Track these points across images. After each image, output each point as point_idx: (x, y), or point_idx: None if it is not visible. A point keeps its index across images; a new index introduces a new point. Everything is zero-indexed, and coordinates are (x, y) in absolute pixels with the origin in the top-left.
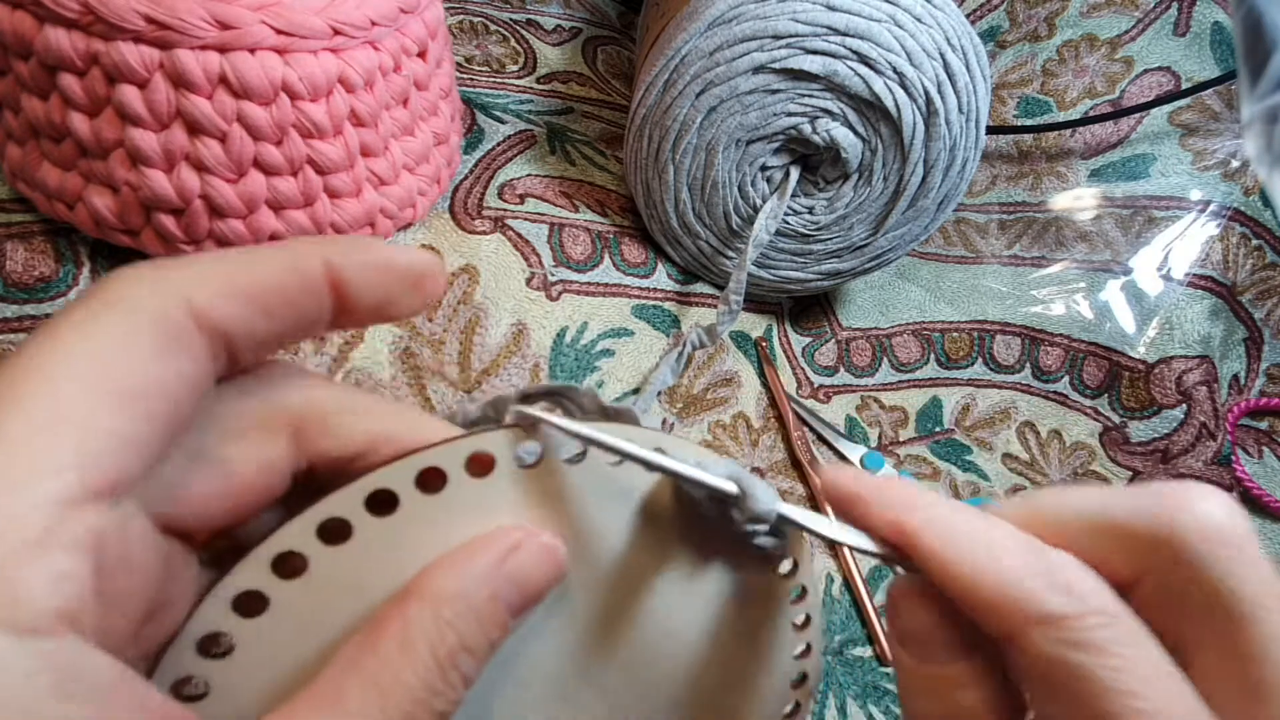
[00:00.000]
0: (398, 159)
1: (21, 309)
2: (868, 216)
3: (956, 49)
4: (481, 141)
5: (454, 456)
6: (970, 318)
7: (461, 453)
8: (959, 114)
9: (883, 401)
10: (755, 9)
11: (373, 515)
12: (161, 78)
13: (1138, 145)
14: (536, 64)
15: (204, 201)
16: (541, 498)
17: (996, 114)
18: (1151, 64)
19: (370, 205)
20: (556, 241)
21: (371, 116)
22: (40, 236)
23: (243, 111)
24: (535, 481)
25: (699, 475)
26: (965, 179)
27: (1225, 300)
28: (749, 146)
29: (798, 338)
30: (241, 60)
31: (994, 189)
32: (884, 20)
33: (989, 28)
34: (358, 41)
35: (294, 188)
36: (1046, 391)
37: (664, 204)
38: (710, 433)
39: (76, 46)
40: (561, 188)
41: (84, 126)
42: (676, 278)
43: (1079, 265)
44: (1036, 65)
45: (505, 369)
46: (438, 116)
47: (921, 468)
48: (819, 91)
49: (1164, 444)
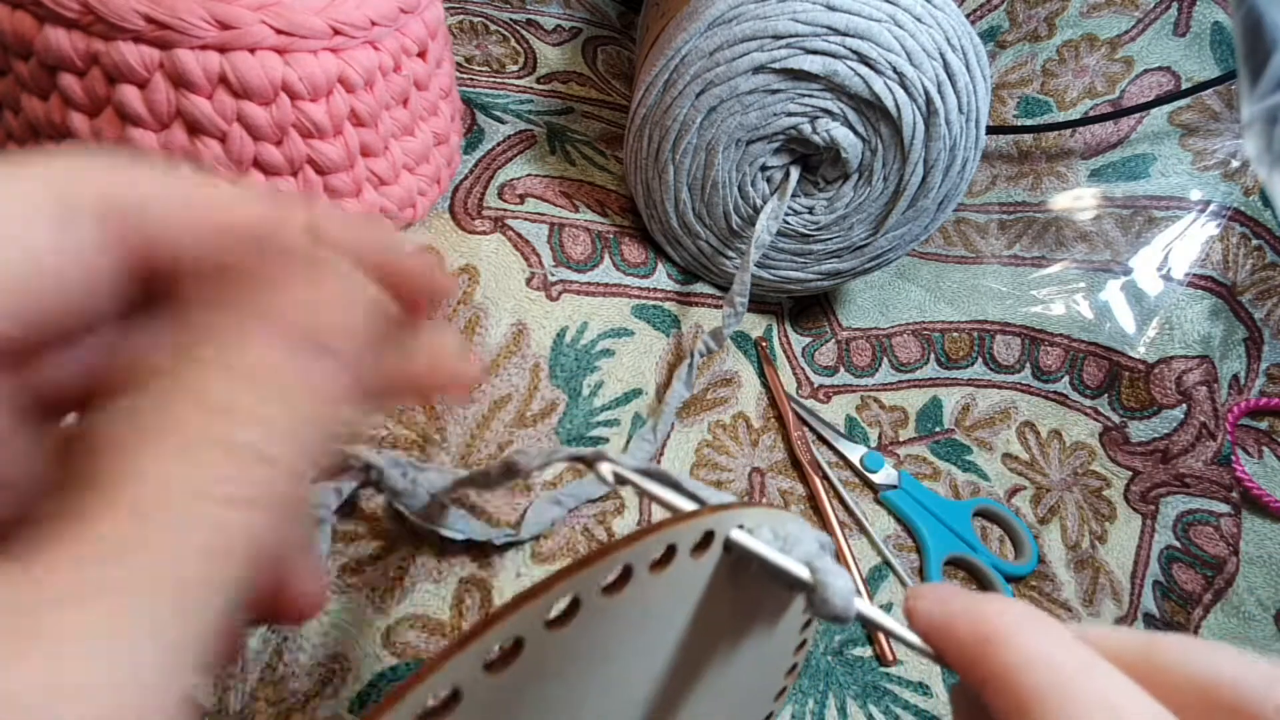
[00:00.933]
0: (398, 159)
1: None
2: (868, 216)
3: (956, 49)
4: (481, 141)
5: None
6: (970, 318)
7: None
8: (959, 114)
9: (883, 401)
10: (755, 9)
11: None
12: (161, 78)
13: (1138, 145)
14: (536, 64)
15: None
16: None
17: (996, 114)
18: (1151, 64)
19: (370, 205)
20: (556, 241)
21: (371, 116)
22: None
23: (243, 111)
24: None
25: (783, 563)
26: (965, 179)
27: (1225, 300)
28: (749, 146)
29: (798, 338)
30: (241, 60)
31: (994, 189)
32: (884, 20)
33: (989, 28)
34: (358, 41)
35: (294, 187)
36: (1046, 391)
37: (664, 204)
38: (710, 433)
39: (76, 46)
40: (561, 188)
41: (84, 126)
42: (676, 278)
43: (1079, 265)
44: (1036, 65)
45: (505, 369)
46: (438, 116)
47: (921, 468)
48: (819, 91)
49: (1164, 444)
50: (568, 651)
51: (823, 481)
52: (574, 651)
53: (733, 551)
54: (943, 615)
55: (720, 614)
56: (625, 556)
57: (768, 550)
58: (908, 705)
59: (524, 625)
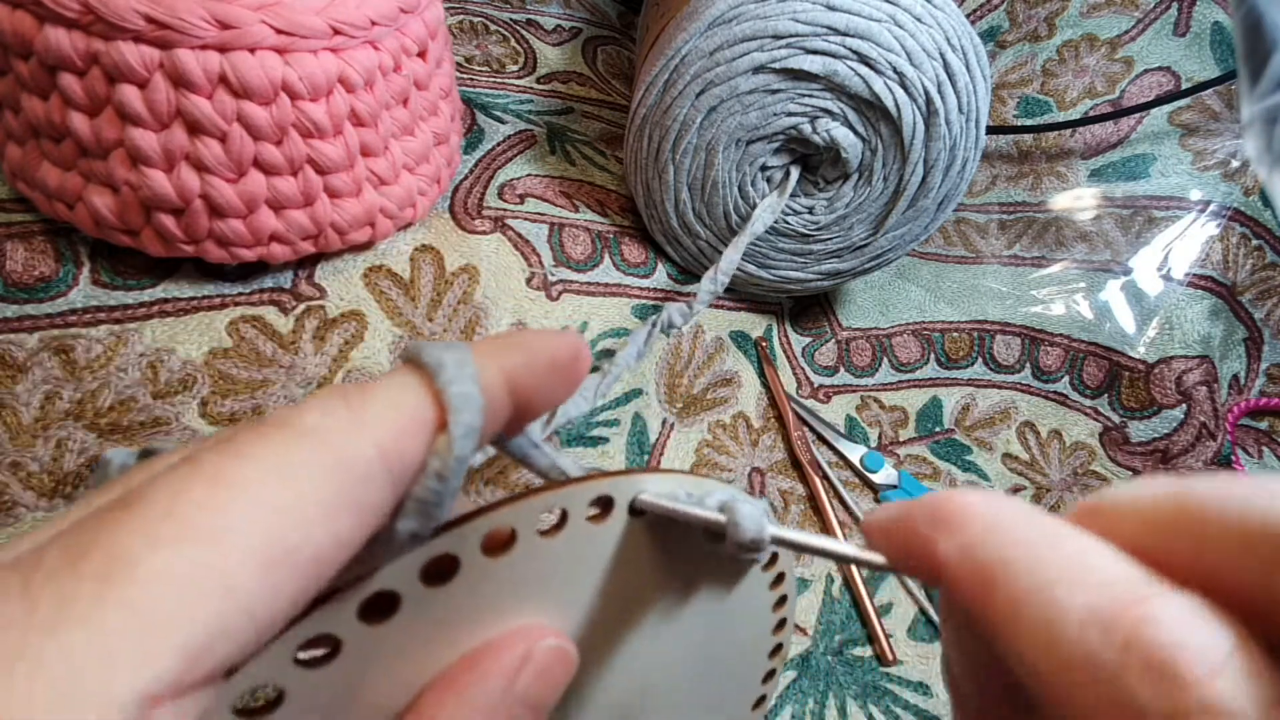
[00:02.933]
0: (398, 159)
1: (22, 309)
2: (868, 216)
3: (956, 49)
4: (481, 141)
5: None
6: (970, 318)
7: (480, 530)
8: (959, 114)
9: (883, 401)
10: (755, 9)
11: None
12: (161, 77)
13: (1138, 145)
14: (536, 64)
15: (204, 201)
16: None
17: (996, 114)
18: (1151, 64)
19: (370, 205)
20: (556, 241)
21: (371, 116)
22: (40, 236)
23: (243, 111)
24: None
25: (692, 513)
26: (965, 179)
27: (1225, 300)
28: (749, 146)
29: (798, 338)
30: (241, 60)
31: (994, 189)
32: (884, 20)
33: (989, 28)
34: (358, 41)
35: (294, 188)
36: (1046, 391)
37: (664, 204)
38: (710, 432)
39: (76, 46)
40: (561, 188)
41: (84, 126)
42: (676, 277)
43: (1079, 265)
44: (1036, 65)
45: None
46: (438, 116)
47: (921, 468)
48: (819, 91)
49: (1164, 444)
50: (447, 612)
51: (823, 481)
52: (450, 613)
53: (646, 514)
54: (897, 513)
55: (657, 587)
56: (502, 517)
57: (675, 503)
58: (908, 705)
59: (397, 580)
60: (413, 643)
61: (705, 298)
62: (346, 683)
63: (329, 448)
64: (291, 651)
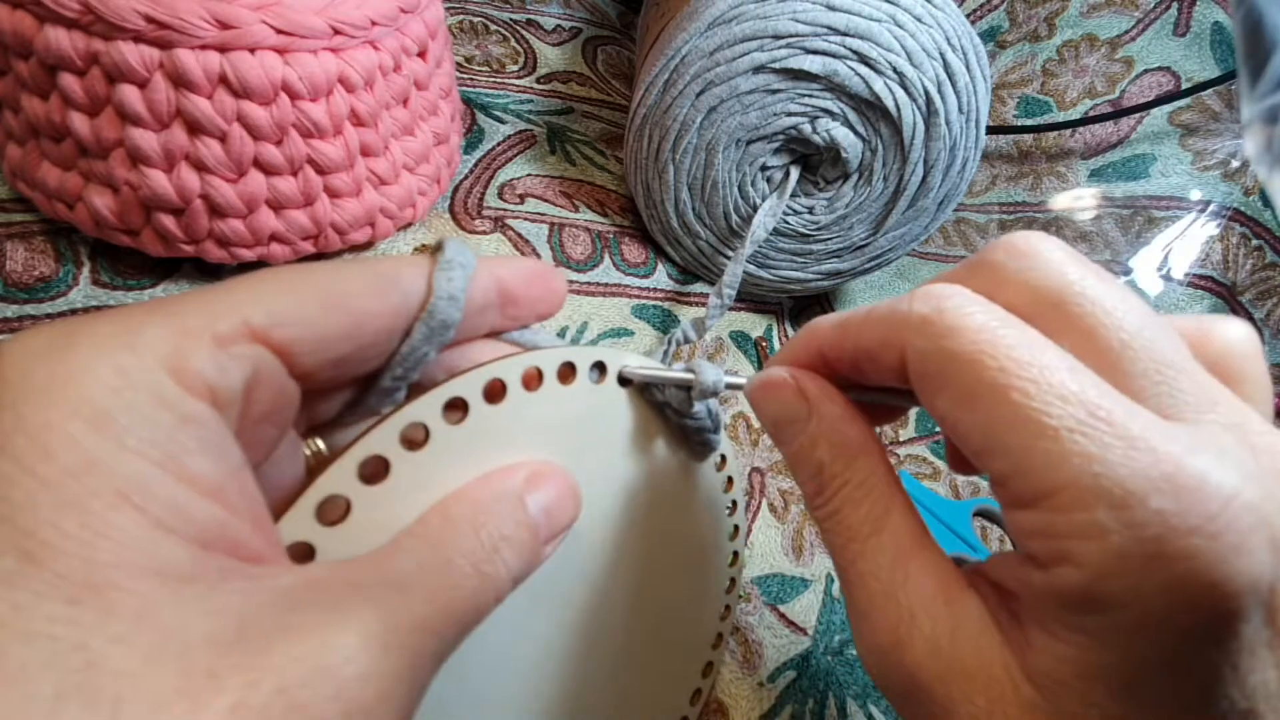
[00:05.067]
0: (398, 159)
1: (21, 309)
2: (868, 216)
3: (956, 49)
4: (481, 141)
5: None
6: None
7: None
8: (959, 114)
9: None
10: (755, 9)
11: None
12: (161, 77)
13: (1138, 145)
14: (536, 64)
15: (204, 201)
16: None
17: (996, 114)
18: (1151, 64)
19: (370, 205)
20: (556, 241)
21: (371, 116)
22: (40, 236)
23: (243, 111)
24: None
25: (666, 374)
26: (965, 179)
27: (1225, 300)
28: (749, 146)
29: None
30: (241, 60)
31: (994, 189)
32: (884, 20)
33: (989, 28)
34: (358, 41)
35: (294, 187)
36: None
37: (664, 204)
38: None
39: (76, 46)
40: (561, 188)
41: (84, 126)
42: (676, 277)
43: None
44: (1036, 65)
45: None
46: (438, 116)
47: (921, 467)
48: (819, 91)
49: None
50: (468, 443)
51: None
52: (469, 444)
53: (631, 383)
54: (866, 316)
55: (638, 455)
56: (495, 369)
57: (655, 366)
58: None
59: (424, 413)
60: (440, 469)
61: (715, 314)
62: (391, 500)
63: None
64: (356, 468)
